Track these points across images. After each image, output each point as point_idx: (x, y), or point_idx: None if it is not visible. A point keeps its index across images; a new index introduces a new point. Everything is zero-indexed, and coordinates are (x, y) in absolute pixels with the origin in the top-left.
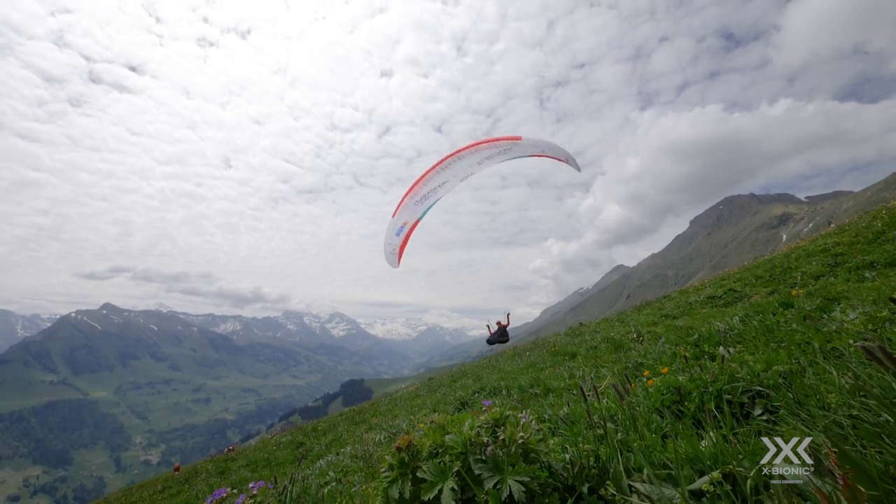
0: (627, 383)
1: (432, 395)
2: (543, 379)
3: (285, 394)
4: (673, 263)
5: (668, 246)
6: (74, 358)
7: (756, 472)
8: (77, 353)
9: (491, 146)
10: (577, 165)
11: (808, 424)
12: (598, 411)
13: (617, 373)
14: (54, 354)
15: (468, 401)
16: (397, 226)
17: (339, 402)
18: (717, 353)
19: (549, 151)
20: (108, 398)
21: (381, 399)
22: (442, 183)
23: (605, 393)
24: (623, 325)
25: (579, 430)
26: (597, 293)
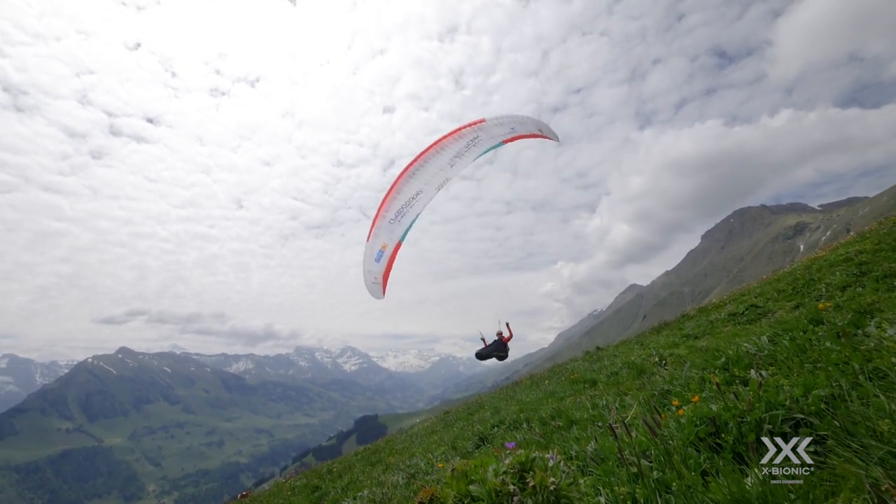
0: (656, 414)
1: (449, 430)
2: (565, 409)
3: (299, 433)
4: (688, 280)
5: (681, 262)
6: (90, 404)
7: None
8: (93, 399)
9: (456, 139)
10: (552, 134)
11: (861, 456)
12: (629, 446)
13: (643, 402)
14: (70, 401)
15: (487, 436)
16: (375, 251)
17: (353, 440)
18: (750, 378)
19: (520, 129)
20: (123, 444)
21: (397, 436)
22: (416, 194)
23: (632, 424)
24: (643, 347)
25: (611, 469)
26: (612, 314)
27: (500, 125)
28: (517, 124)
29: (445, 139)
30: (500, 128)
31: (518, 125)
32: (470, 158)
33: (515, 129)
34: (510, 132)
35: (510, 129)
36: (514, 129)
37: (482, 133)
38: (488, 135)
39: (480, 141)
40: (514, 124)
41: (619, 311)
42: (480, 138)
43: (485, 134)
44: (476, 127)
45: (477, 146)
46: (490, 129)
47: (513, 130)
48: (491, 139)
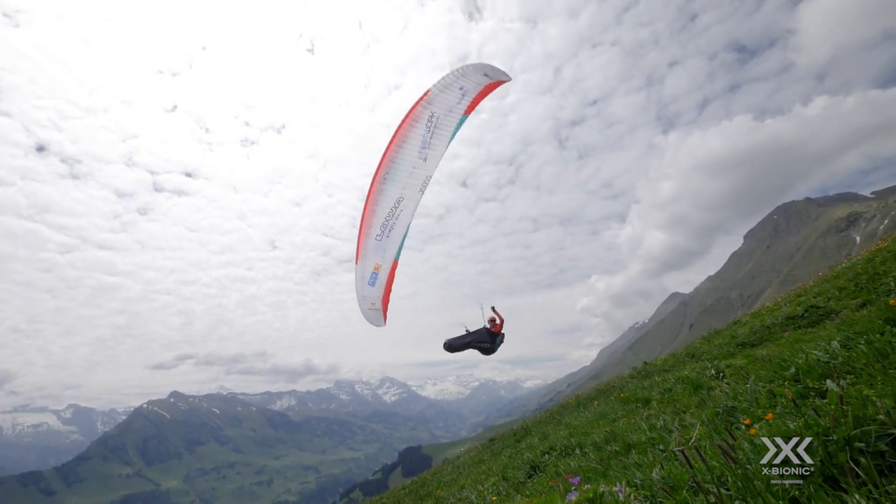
0: (727, 435)
1: (497, 458)
2: (620, 432)
3: (344, 468)
4: (734, 284)
5: (724, 266)
6: (147, 449)
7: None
8: (149, 444)
9: (412, 125)
10: (501, 74)
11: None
12: (702, 472)
13: (706, 421)
14: (129, 447)
15: (539, 464)
16: (367, 274)
17: (398, 473)
18: (828, 389)
19: (470, 88)
20: (178, 487)
21: (443, 467)
22: (397, 201)
23: (698, 446)
24: (695, 360)
25: (684, 499)
26: (655, 326)
27: (447, 89)
28: (462, 81)
29: (402, 128)
30: (449, 93)
31: (464, 82)
32: (441, 146)
33: (465, 90)
34: (462, 97)
35: (460, 92)
36: (462, 89)
37: (434, 107)
38: (443, 108)
39: (439, 119)
40: (460, 82)
41: (663, 322)
42: (437, 115)
43: (439, 108)
44: (425, 102)
45: (440, 128)
46: (440, 101)
47: (463, 92)
48: (449, 113)
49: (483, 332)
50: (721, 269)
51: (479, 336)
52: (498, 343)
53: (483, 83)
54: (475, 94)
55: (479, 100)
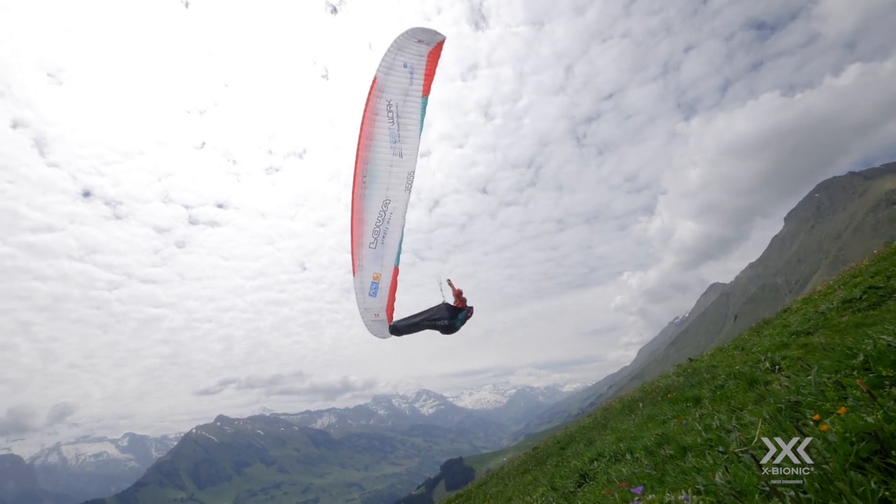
0: (797, 433)
1: (542, 467)
2: (672, 435)
3: (387, 484)
4: (779, 269)
5: (766, 251)
6: (198, 472)
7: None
8: (200, 468)
9: (374, 119)
10: (433, 35)
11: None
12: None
13: (768, 418)
14: (182, 472)
15: (588, 472)
16: (367, 285)
17: (442, 487)
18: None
19: (414, 63)
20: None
21: (488, 479)
22: (384, 204)
23: (762, 446)
24: (745, 353)
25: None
26: (696, 320)
27: (392, 70)
28: (403, 56)
29: (365, 124)
30: (397, 74)
31: (405, 57)
32: (412, 138)
33: (411, 67)
34: (411, 76)
35: (407, 71)
36: (407, 66)
37: (388, 94)
38: (397, 93)
39: (398, 107)
40: (402, 58)
41: (704, 316)
42: (394, 102)
43: (393, 94)
44: (377, 91)
45: (402, 117)
46: (391, 85)
47: (410, 71)
48: (406, 98)
49: (441, 307)
50: (763, 255)
51: (434, 313)
52: (461, 319)
53: (424, 53)
54: (423, 69)
55: (430, 75)
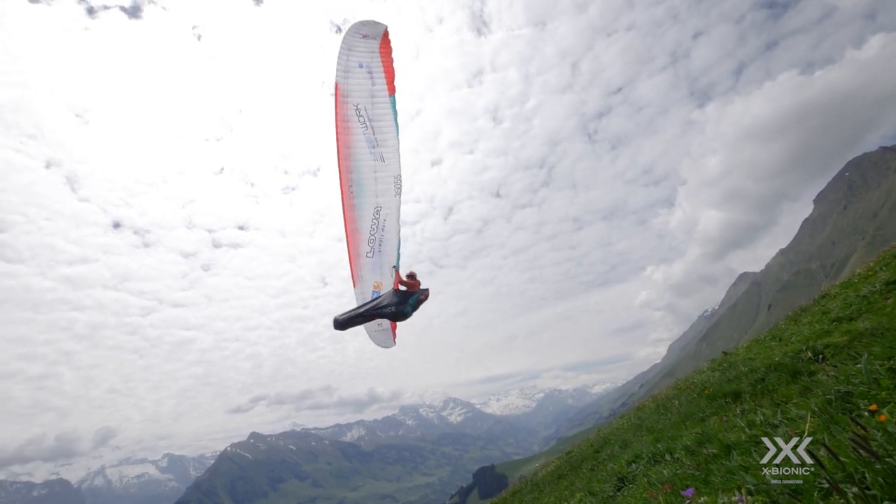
0: (854, 425)
1: (577, 472)
2: (712, 433)
3: (421, 494)
4: (812, 254)
5: (797, 236)
6: (235, 490)
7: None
8: (237, 485)
9: (346, 127)
10: (373, 25)
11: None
12: (831, 471)
13: (817, 411)
14: (220, 489)
15: (626, 475)
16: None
17: (475, 495)
18: None
19: (373, 64)
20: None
21: (522, 485)
22: (375, 211)
23: (816, 441)
24: (783, 343)
25: (816, 503)
26: (727, 312)
27: (350, 73)
28: (357, 57)
29: (339, 133)
30: (356, 77)
31: (359, 57)
32: (391, 140)
33: (367, 66)
34: (371, 76)
35: (364, 71)
36: (363, 66)
37: (353, 98)
38: (362, 96)
39: (367, 111)
40: (357, 59)
41: (735, 307)
42: (361, 106)
43: (358, 98)
44: (342, 97)
45: (374, 120)
46: (354, 89)
47: (368, 71)
48: (373, 100)
49: (388, 294)
50: (794, 240)
51: (381, 300)
52: (412, 304)
53: (375, 49)
54: (380, 67)
55: (390, 72)
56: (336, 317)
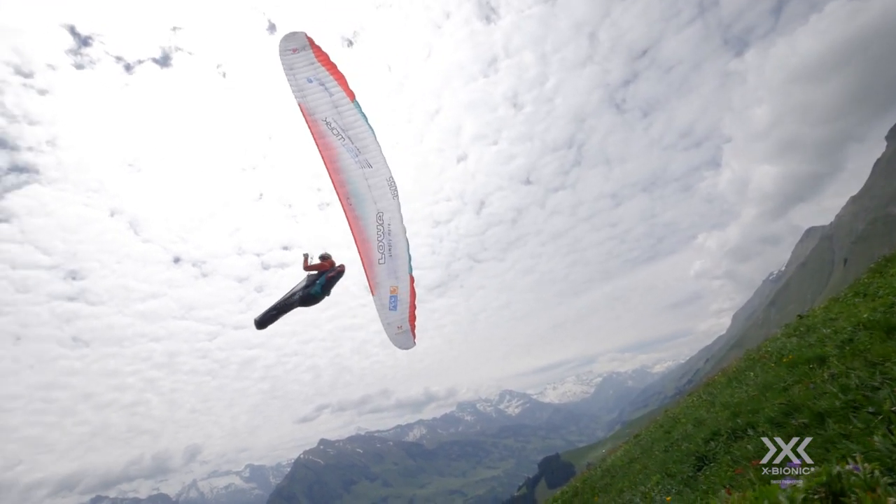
0: None
1: (650, 455)
2: (800, 401)
3: (488, 488)
4: (890, 197)
5: (869, 180)
6: (312, 494)
7: None
8: (313, 489)
9: (324, 143)
10: (294, 35)
11: None
12: None
13: None
14: (299, 495)
15: (705, 454)
16: (386, 300)
17: (543, 485)
18: None
19: (320, 75)
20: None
21: (591, 472)
22: (378, 216)
23: None
24: (869, 298)
25: None
26: (796, 273)
27: (305, 91)
28: (304, 73)
29: (321, 150)
30: (312, 93)
31: (306, 72)
32: (371, 145)
33: (316, 79)
34: (324, 88)
35: (316, 85)
36: (313, 80)
37: (321, 113)
38: (326, 110)
39: (336, 122)
40: (305, 75)
41: (806, 266)
42: (329, 118)
43: (323, 112)
44: (309, 115)
45: (348, 129)
46: (315, 105)
47: (320, 83)
48: (337, 111)
49: (300, 283)
50: (866, 185)
51: (292, 290)
52: (321, 282)
53: (312, 60)
54: (327, 75)
55: (339, 78)
56: (255, 318)
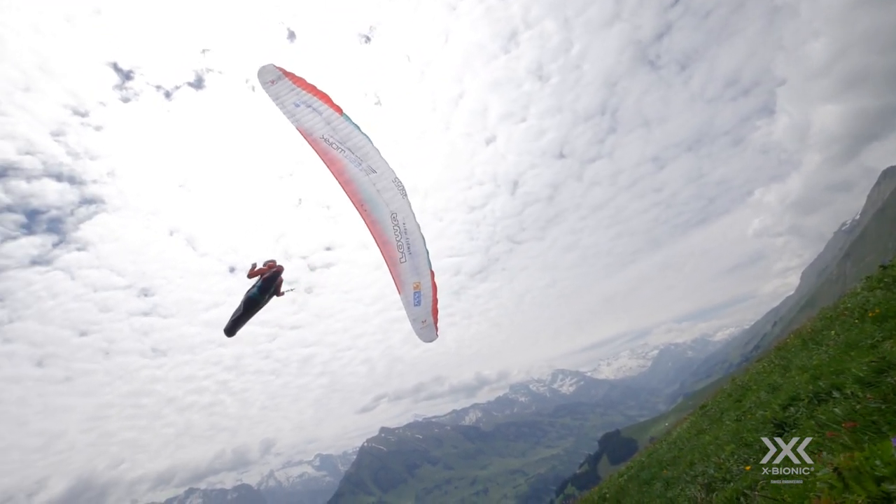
0: None
1: (720, 425)
2: (891, 358)
3: (548, 466)
4: None
5: None
6: (379, 479)
7: None
8: (379, 475)
9: (329, 158)
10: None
11: None
12: None
13: None
14: (366, 480)
15: (785, 420)
16: (411, 297)
17: (605, 462)
18: None
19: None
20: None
21: (656, 447)
22: (392, 217)
23: None
24: None
25: None
26: (873, 220)
27: (297, 115)
28: (287, 100)
29: (329, 165)
30: (304, 115)
31: (291, 97)
32: (370, 152)
33: (303, 103)
34: (312, 109)
35: (303, 108)
36: (300, 104)
37: (317, 132)
38: (321, 128)
39: (333, 138)
40: (289, 102)
41: (884, 212)
42: (327, 136)
43: (320, 131)
44: (307, 136)
45: (345, 141)
46: (311, 126)
47: (307, 104)
48: (330, 127)
49: (263, 286)
50: None
51: (244, 300)
52: (258, 284)
53: (292, 86)
54: (309, 97)
55: (322, 96)
56: (225, 327)
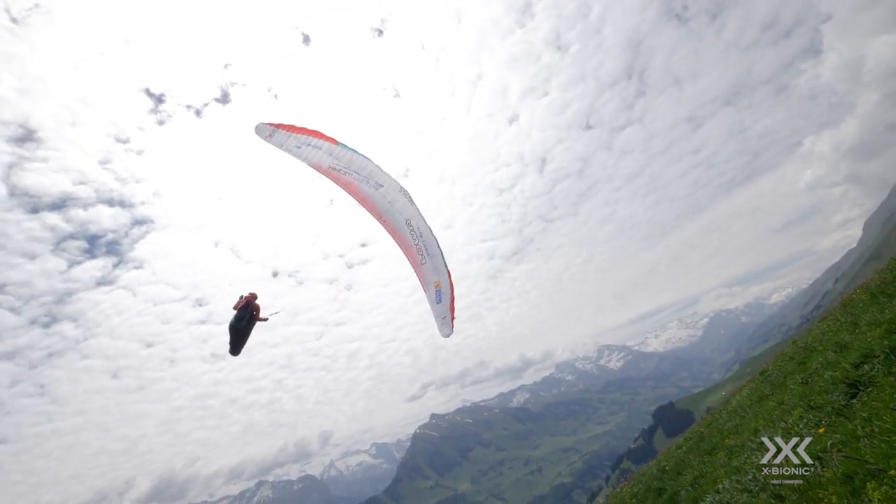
0: None
1: (783, 390)
2: None
3: (602, 443)
4: None
5: None
6: (433, 463)
7: None
8: (433, 459)
9: (342, 182)
10: (261, 129)
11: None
12: None
13: None
14: (422, 464)
15: (859, 380)
16: (433, 294)
17: (660, 435)
18: None
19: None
20: (470, 488)
21: (714, 416)
22: (407, 223)
23: None
24: None
25: None
26: None
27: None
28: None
29: (346, 190)
30: (312, 153)
31: (291, 143)
32: (374, 171)
33: (303, 142)
34: (313, 147)
35: (306, 146)
36: (302, 145)
37: (326, 164)
38: (327, 161)
39: (340, 167)
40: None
41: None
42: (335, 166)
43: (328, 162)
44: (316, 170)
45: (350, 166)
46: (318, 161)
47: (307, 143)
48: (333, 157)
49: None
50: None
51: (228, 329)
52: (238, 314)
53: (287, 134)
54: (306, 138)
55: (315, 134)
56: (228, 350)
